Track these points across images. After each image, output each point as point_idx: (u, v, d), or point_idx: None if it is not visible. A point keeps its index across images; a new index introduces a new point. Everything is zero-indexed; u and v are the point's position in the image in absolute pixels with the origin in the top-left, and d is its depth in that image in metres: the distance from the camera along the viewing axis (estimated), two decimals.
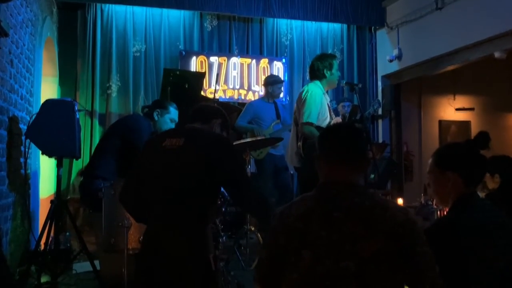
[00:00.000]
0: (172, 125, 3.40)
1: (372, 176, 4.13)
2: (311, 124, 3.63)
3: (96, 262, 3.29)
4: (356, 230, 1.33)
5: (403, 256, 1.32)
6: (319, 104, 3.68)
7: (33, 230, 3.98)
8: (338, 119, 3.91)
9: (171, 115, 3.38)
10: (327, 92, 3.96)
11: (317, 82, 3.81)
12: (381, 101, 4.12)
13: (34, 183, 4.21)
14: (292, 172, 5.41)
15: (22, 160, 3.72)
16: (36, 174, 4.37)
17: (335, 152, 1.49)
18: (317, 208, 1.40)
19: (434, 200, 4.15)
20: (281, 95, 5.47)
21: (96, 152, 3.38)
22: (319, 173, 1.52)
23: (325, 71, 3.77)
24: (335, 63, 3.85)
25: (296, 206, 1.46)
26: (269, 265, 1.45)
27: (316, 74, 3.83)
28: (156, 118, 3.35)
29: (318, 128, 3.70)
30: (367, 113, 4.21)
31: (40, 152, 3.35)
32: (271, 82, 5.16)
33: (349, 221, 1.34)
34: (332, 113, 3.95)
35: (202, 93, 5.49)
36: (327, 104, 3.89)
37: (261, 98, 5.32)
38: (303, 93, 3.75)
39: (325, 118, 3.77)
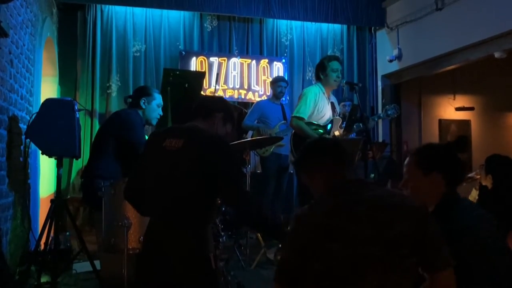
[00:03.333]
0: (159, 110, 3.41)
1: (372, 175, 4.13)
2: (300, 118, 3.75)
3: (97, 262, 3.29)
4: (381, 218, 1.43)
5: (420, 238, 1.43)
6: (312, 101, 3.82)
7: (33, 230, 3.98)
8: (338, 119, 3.95)
9: (157, 101, 3.39)
10: (330, 92, 4.01)
11: (318, 83, 3.98)
12: (397, 107, 4.10)
13: (34, 183, 4.21)
14: (292, 171, 5.43)
15: (22, 159, 3.72)
16: (36, 174, 4.37)
17: (342, 158, 1.63)
18: (342, 205, 1.49)
19: None
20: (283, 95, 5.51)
21: (93, 152, 3.37)
22: (327, 175, 1.60)
23: (319, 73, 3.92)
24: (331, 64, 3.89)
25: (319, 206, 1.54)
26: (293, 266, 1.49)
27: (315, 76, 4.05)
28: (143, 106, 3.34)
29: (311, 124, 3.78)
30: (375, 117, 4.27)
31: (40, 151, 3.35)
32: (273, 80, 5.34)
33: (373, 212, 1.44)
34: (335, 112, 4.00)
35: (202, 92, 5.49)
36: (330, 103, 3.95)
37: (269, 99, 5.42)
38: (302, 91, 4.00)
39: (323, 116, 3.86)
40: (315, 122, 3.87)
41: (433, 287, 1.47)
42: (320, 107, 3.85)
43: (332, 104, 4.01)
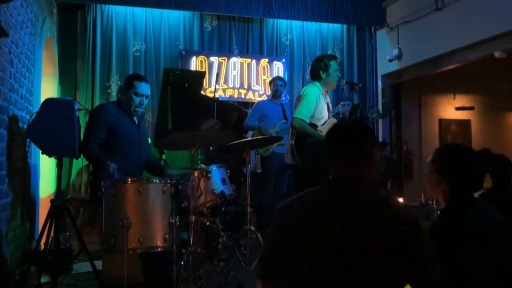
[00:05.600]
0: (142, 99, 3.29)
1: None
2: (302, 120, 3.70)
3: (99, 262, 3.30)
4: (361, 227, 1.33)
5: (406, 254, 1.33)
6: (313, 103, 3.74)
7: (33, 230, 3.98)
8: (334, 121, 3.93)
9: (136, 89, 3.25)
10: (327, 92, 3.98)
11: (316, 83, 3.88)
12: (381, 110, 4.10)
13: (34, 183, 4.21)
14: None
15: (22, 159, 3.72)
16: (36, 174, 4.37)
17: (341, 150, 1.49)
18: (322, 203, 1.40)
19: (435, 199, 4.15)
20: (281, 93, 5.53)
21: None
22: (329, 169, 1.52)
23: (321, 72, 3.82)
24: (333, 64, 3.83)
25: (300, 201, 1.46)
26: (272, 260, 1.44)
27: (313, 75, 3.91)
28: (119, 95, 3.37)
29: (312, 125, 3.75)
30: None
31: (40, 151, 3.35)
32: (271, 80, 5.38)
33: (353, 218, 1.35)
34: (330, 114, 3.97)
35: (202, 92, 5.49)
36: (327, 104, 3.92)
37: (269, 99, 5.43)
38: (300, 92, 3.88)
39: (322, 117, 3.82)
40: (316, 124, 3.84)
41: None
42: (320, 109, 3.80)
43: (328, 104, 3.99)
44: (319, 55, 4.19)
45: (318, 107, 3.77)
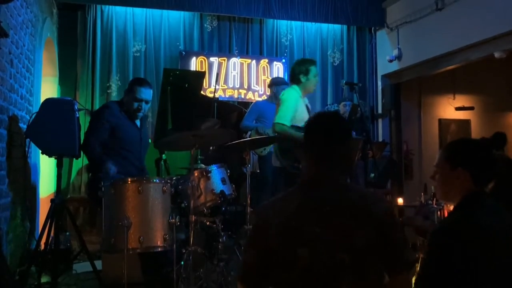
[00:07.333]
0: (141, 104, 3.34)
1: (372, 175, 4.14)
2: (282, 124, 3.71)
3: (99, 262, 3.29)
4: (348, 223, 1.38)
5: (386, 242, 1.40)
6: (293, 107, 3.76)
7: (33, 230, 3.98)
8: None
9: (135, 94, 3.32)
10: (305, 95, 3.99)
11: (295, 87, 3.90)
12: (380, 110, 4.11)
13: (34, 183, 4.21)
14: None
15: (22, 159, 3.72)
16: (36, 174, 4.37)
17: (324, 150, 1.51)
18: (308, 205, 1.42)
19: (435, 199, 4.15)
20: None
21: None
22: (306, 169, 1.55)
23: (301, 76, 3.84)
24: (313, 69, 3.86)
25: (282, 204, 1.46)
26: (257, 267, 1.41)
27: (293, 78, 3.91)
28: (123, 96, 3.43)
29: (296, 127, 3.76)
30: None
31: (40, 151, 3.35)
32: (276, 82, 5.28)
33: (340, 215, 1.39)
34: (310, 114, 3.98)
35: (202, 92, 5.49)
36: (306, 106, 3.93)
37: (266, 99, 5.41)
38: (280, 96, 3.88)
39: (302, 119, 3.83)
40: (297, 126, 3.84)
41: (391, 286, 1.45)
42: (300, 111, 3.82)
43: (307, 106, 4.00)
44: (300, 60, 4.21)
45: (298, 110, 3.80)
